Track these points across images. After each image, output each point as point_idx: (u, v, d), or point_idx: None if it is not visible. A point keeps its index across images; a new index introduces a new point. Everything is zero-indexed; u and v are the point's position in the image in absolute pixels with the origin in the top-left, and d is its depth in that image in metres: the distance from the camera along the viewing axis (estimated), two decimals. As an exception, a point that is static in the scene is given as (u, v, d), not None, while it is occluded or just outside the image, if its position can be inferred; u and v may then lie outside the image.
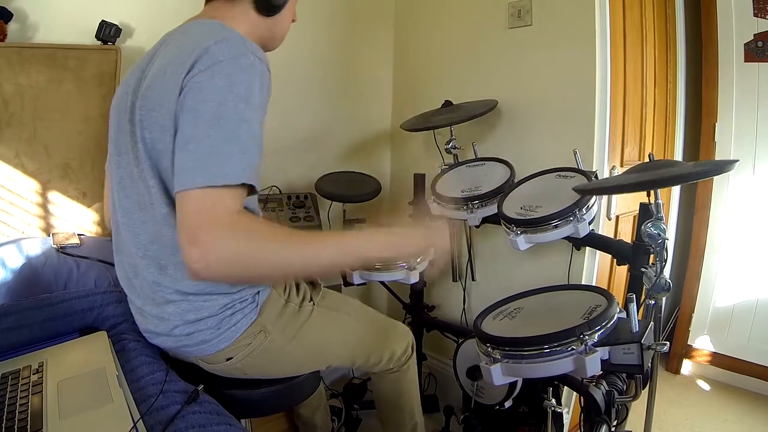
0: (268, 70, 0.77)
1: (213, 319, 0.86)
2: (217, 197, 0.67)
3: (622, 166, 1.65)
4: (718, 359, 2.13)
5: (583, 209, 1.13)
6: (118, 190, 0.87)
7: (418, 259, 1.32)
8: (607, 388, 1.12)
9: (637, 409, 1.19)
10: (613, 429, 1.10)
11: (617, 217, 1.68)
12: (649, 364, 0.97)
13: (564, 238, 1.16)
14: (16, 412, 0.67)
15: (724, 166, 0.89)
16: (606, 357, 0.88)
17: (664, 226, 1.00)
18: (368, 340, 1.12)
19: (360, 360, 1.12)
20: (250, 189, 0.72)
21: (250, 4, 0.88)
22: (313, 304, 1.03)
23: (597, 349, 0.86)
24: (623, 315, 0.95)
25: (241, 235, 0.67)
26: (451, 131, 1.62)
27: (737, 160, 0.89)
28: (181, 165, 0.69)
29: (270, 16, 0.90)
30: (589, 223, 1.15)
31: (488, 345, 0.96)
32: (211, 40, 0.73)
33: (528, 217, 1.18)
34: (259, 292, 0.93)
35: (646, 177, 0.93)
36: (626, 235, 1.72)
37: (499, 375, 0.94)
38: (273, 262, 0.70)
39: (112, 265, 1.14)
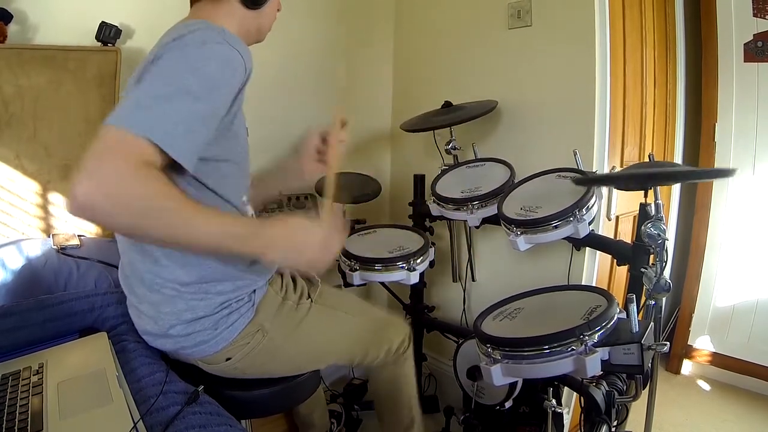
0: (242, 60, 0.77)
1: (209, 319, 0.87)
2: (133, 140, 0.64)
3: (622, 166, 1.65)
4: (718, 359, 2.13)
5: (583, 209, 1.13)
6: None
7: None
8: (607, 389, 1.12)
9: (638, 410, 1.19)
10: (613, 429, 1.10)
11: (617, 217, 1.68)
12: (649, 365, 0.97)
13: (564, 238, 1.16)
14: (17, 413, 0.67)
15: (724, 172, 0.89)
16: (606, 357, 0.88)
17: (664, 227, 1.00)
18: (366, 336, 1.12)
19: (359, 357, 1.12)
20: (174, 163, 0.69)
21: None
22: (311, 301, 1.03)
23: (597, 349, 0.86)
24: (623, 315, 0.95)
25: (141, 179, 0.63)
26: (451, 132, 1.62)
27: (736, 169, 0.89)
28: (115, 108, 0.69)
29: (256, 9, 0.90)
30: (589, 224, 1.15)
31: (488, 345, 0.96)
32: (187, 30, 0.75)
33: (528, 218, 1.18)
34: (255, 290, 0.93)
35: (648, 171, 0.93)
36: (626, 235, 1.71)
37: (499, 375, 0.94)
38: (155, 219, 0.66)
39: (112, 266, 1.14)
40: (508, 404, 1.29)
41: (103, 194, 0.62)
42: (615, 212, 1.64)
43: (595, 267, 1.56)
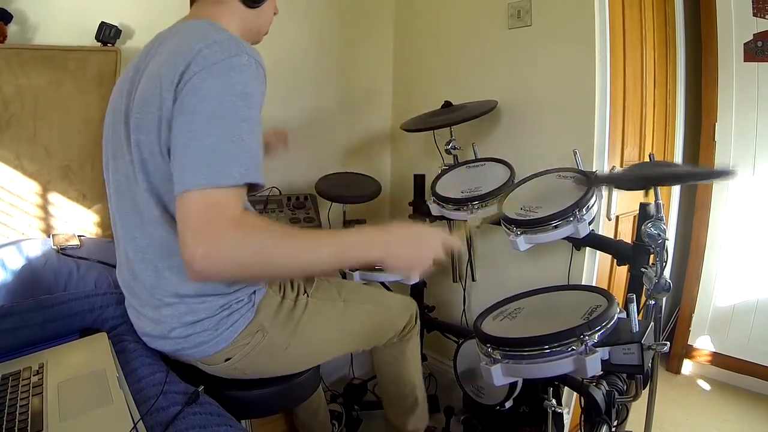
0: (262, 69, 0.77)
1: (210, 320, 0.86)
2: (221, 197, 0.67)
3: (622, 166, 1.65)
4: (718, 359, 2.13)
5: (583, 209, 1.12)
6: (115, 194, 0.87)
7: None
8: (607, 389, 1.11)
9: (638, 409, 1.19)
10: (613, 429, 1.10)
11: (617, 217, 1.68)
12: (650, 365, 0.97)
13: (564, 238, 1.16)
14: (17, 413, 0.67)
15: (723, 174, 0.89)
16: (606, 357, 0.88)
17: (664, 227, 1.00)
18: (369, 324, 1.11)
19: (363, 346, 1.12)
20: (251, 186, 0.72)
21: None
22: (308, 296, 1.02)
23: (597, 349, 0.86)
24: (623, 315, 0.95)
25: (246, 233, 0.67)
26: (451, 132, 1.62)
27: (735, 170, 0.90)
28: (183, 165, 0.68)
29: (256, 7, 0.91)
30: (589, 224, 1.15)
31: (488, 345, 0.96)
32: (203, 43, 0.73)
33: (528, 218, 1.18)
34: (255, 291, 0.93)
35: (649, 173, 0.93)
36: (626, 235, 1.71)
37: (499, 375, 0.94)
38: (276, 261, 0.70)
39: (112, 266, 1.14)
40: (508, 404, 1.29)
41: (216, 262, 0.65)
42: (615, 212, 1.64)
43: (595, 267, 1.56)
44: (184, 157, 0.69)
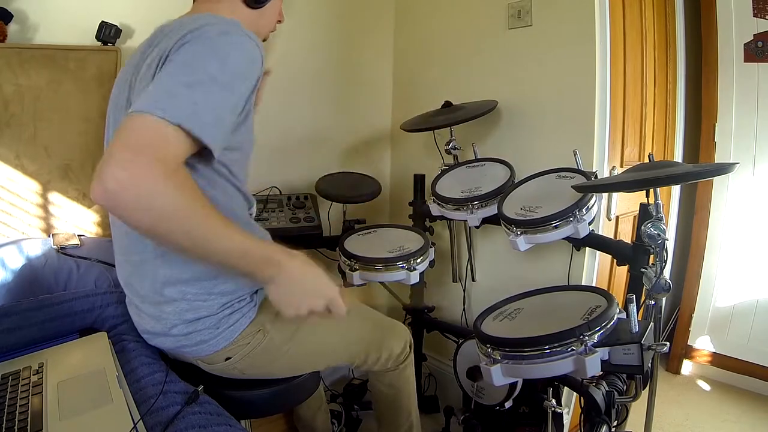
0: (260, 53, 0.78)
1: (212, 318, 0.86)
2: (159, 129, 0.64)
3: (622, 166, 1.65)
4: (718, 359, 2.13)
5: (583, 210, 1.13)
6: None
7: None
8: (607, 389, 1.12)
9: (638, 410, 1.19)
10: (613, 429, 1.10)
11: (617, 217, 1.68)
12: (649, 365, 0.97)
13: (564, 238, 1.16)
14: (16, 412, 0.67)
15: (724, 168, 0.89)
16: (606, 357, 0.88)
17: (664, 227, 1.00)
18: (367, 338, 1.12)
19: (359, 359, 1.12)
20: (203, 150, 0.70)
21: None
22: None
23: (597, 349, 0.86)
24: (623, 315, 0.95)
25: (175, 184, 0.63)
26: (451, 132, 1.62)
27: (737, 163, 0.89)
28: (144, 95, 0.67)
29: (256, 8, 0.92)
30: (589, 224, 1.15)
31: (488, 346, 0.96)
32: (204, 21, 0.75)
33: (528, 218, 1.18)
34: (257, 291, 0.93)
35: (646, 175, 0.93)
36: (626, 235, 1.71)
37: (499, 375, 0.94)
38: (186, 227, 0.66)
39: (112, 265, 1.14)
40: (508, 404, 1.29)
41: (134, 192, 0.61)
42: (615, 212, 1.64)
43: (595, 267, 1.56)
44: (147, 90, 0.68)
